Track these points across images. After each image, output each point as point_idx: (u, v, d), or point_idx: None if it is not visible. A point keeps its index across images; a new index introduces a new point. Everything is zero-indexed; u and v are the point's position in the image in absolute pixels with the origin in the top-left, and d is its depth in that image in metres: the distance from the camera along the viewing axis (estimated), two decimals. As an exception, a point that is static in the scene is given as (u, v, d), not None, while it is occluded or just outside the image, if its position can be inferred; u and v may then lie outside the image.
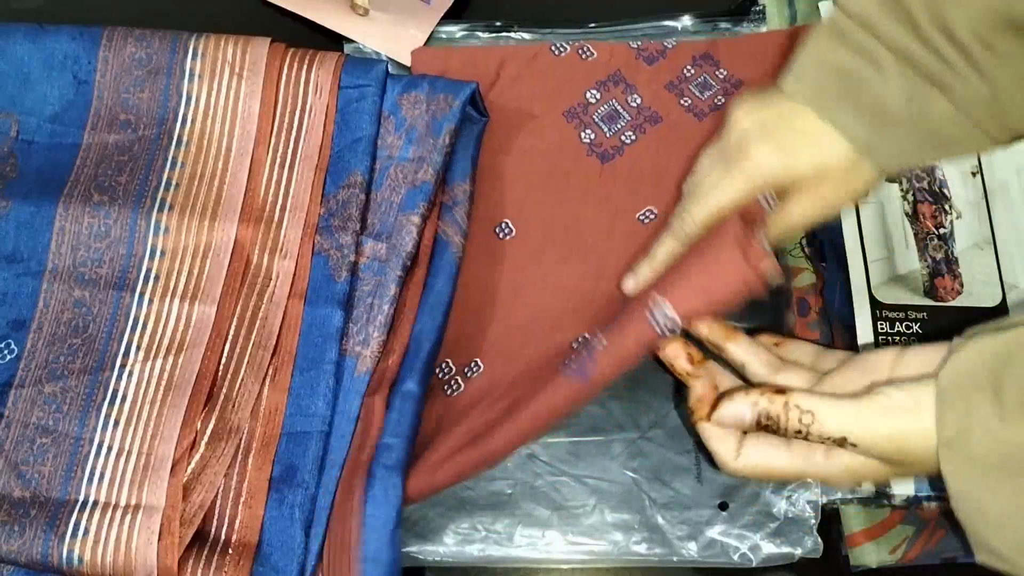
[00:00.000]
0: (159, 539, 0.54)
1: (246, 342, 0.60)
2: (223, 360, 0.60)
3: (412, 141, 0.65)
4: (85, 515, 0.55)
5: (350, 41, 0.71)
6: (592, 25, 0.72)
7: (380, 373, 0.59)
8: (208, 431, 0.57)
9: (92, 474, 0.56)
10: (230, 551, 0.55)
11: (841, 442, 0.47)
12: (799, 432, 0.48)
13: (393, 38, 0.71)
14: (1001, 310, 0.63)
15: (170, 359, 0.59)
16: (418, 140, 0.64)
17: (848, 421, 0.47)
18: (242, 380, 0.59)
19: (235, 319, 0.61)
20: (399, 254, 0.61)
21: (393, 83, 0.66)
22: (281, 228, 0.63)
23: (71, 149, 0.65)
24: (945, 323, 0.62)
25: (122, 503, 0.55)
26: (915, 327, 0.62)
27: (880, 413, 0.46)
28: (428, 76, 0.66)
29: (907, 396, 0.46)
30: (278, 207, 0.63)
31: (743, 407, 0.50)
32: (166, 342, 0.60)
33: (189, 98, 0.65)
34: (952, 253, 0.64)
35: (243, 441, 0.58)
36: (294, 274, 0.62)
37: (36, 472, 0.57)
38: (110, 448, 0.57)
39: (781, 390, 0.49)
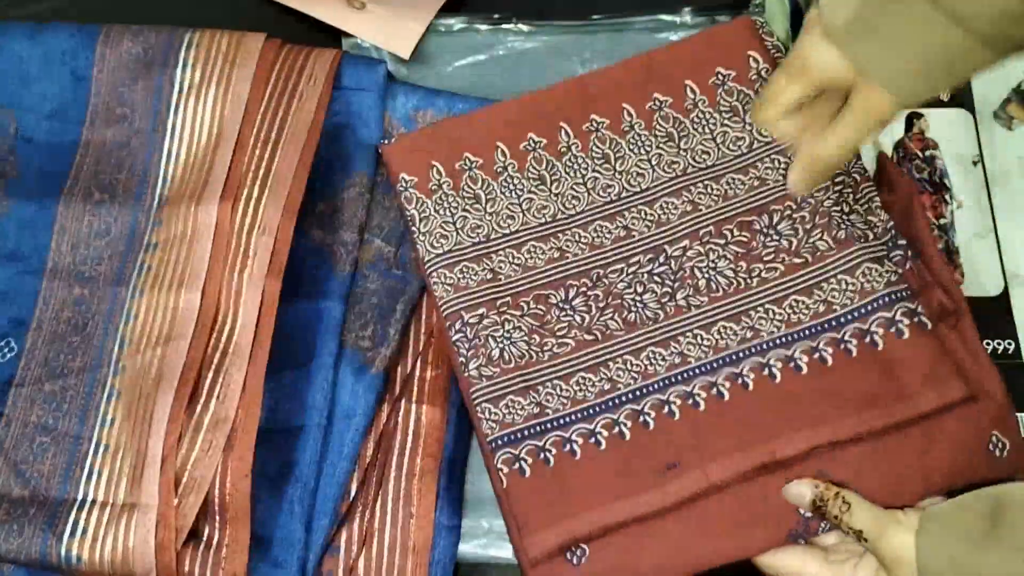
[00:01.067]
0: (155, 536, 0.53)
1: (231, 326, 0.58)
2: (207, 350, 0.58)
3: None
4: (83, 514, 0.54)
5: (349, 37, 0.70)
6: (594, 17, 0.71)
7: (427, 383, 0.61)
8: (192, 422, 0.56)
9: (91, 472, 0.56)
10: (228, 546, 0.54)
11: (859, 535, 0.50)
12: (836, 517, 0.51)
13: (391, 31, 0.70)
14: (1003, 298, 0.62)
15: (158, 350, 0.58)
16: None
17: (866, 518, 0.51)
18: (226, 370, 0.57)
19: (218, 305, 0.59)
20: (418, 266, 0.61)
21: (407, 94, 0.66)
22: (260, 204, 0.60)
23: (70, 146, 0.65)
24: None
25: (119, 501, 0.54)
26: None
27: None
28: (445, 93, 0.66)
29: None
30: (258, 184, 0.61)
31: (806, 489, 0.53)
32: (155, 334, 0.58)
33: (182, 86, 0.64)
34: (953, 243, 0.63)
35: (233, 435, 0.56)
36: (272, 251, 0.59)
37: (36, 471, 0.56)
38: (107, 446, 0.56)
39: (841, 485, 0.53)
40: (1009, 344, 0.60)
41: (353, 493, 0.57)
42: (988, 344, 0.60)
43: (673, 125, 0.63)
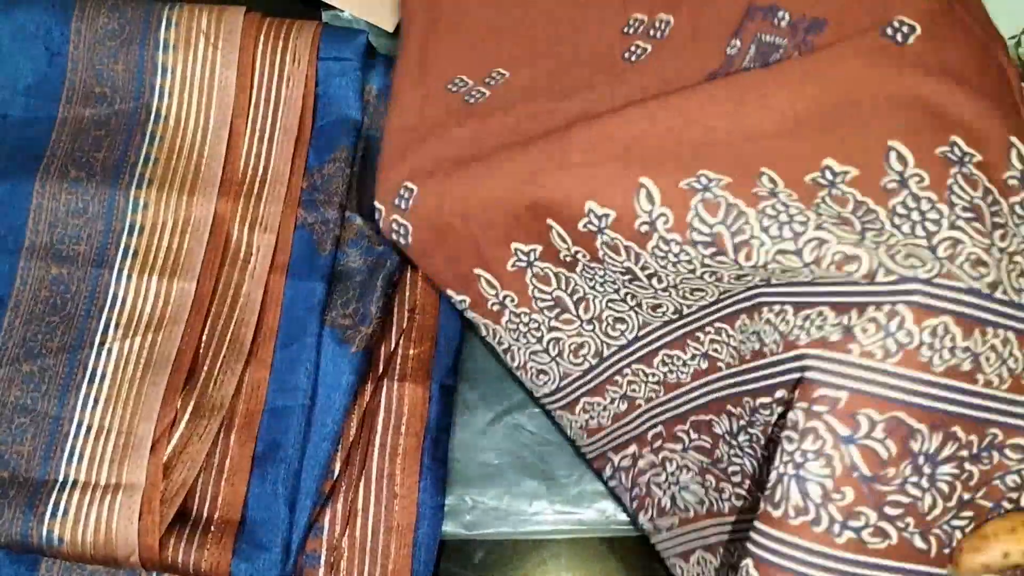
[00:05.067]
0: (140, 518, 0.51)
1: (228, 319, 0.57)
2: (204, 337, 0.56)
3: None
4: (65, 495, 0.51)
5: (328, 8, 0.67)
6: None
7: (410, 360, 0.57)
8: (189, 409, 0.54)
9: (72, 454, 0.53)
10: (212, 529, 0.52)
11: None
12: None
13: (373, 2, 0.66)
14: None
15: (149, 336, 0.56)
16: None
17: None
18: (224, 358, 0.55)
19: (216, 295, 0.57)
20: None
21: (387, 66, 0.62)
22: (261, 201, 0.59)
23: (46, 123, 0.61)
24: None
25: (102, 482, 0.52)
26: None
27: None
28: None
29: None
30: (258, 180, 0.59)
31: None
32: (145, 319, 0.56)
33: (164, 69, 0.61)
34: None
35: (225, 418, 0.54)
36: (275, 248, 0.58)
37: (15, 452, 0.53)
38: (89, 427, 0.53)
39: None
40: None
41: (336, 473, 0.55)
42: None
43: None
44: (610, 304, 0.45)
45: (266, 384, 0.55)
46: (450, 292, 0.51)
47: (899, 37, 0.39)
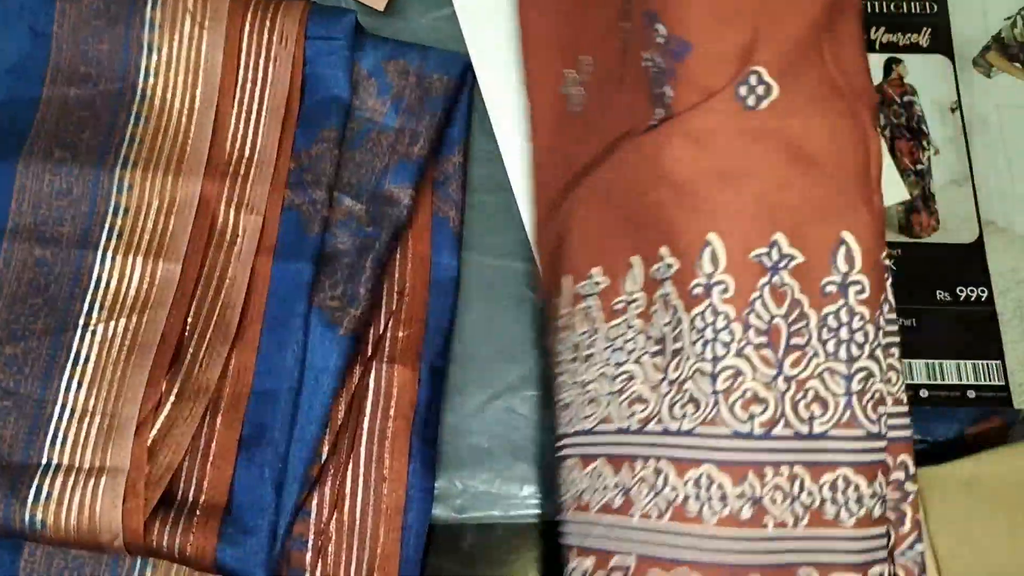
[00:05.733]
0: (124, 502, 0.50)
1: (214, 301, 0.56)
2: (189, 319, 0.55)
3: (400, 112, 0.60)
4: (48, 478, 0.50)
5: (316, -13, 0.66)
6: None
7: (399, 341, 0.56)
8: (174, 391, 0.53)
9: (55, 437, 0.52)
10: (198, 512, 0.51)
11: None
12: None
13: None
14: (977, 247, 0.58)
15: (134, 318, 0.54)
16: (406, 112, 0.59)
17: None
18: (209, 340, 0.54)
19: (201, 277, 0.56)
20: (391, 222, 0.57)
21: (376, 45, 0.61)
22: (248, 183, 0.58)
23: (30, 104, 0.60)
24: (920, 261, 0.58)
25: (86, 466, 0.51)
26: (889, 263, 0.57)
27: None
28: (415, 46, 0.61)
29: None
30: (244, 161, 0.58)
31: None
32: (130, 301, 0.55)
33: (150, 49, 0.60)
34: (929, 189, 0.60)
35: (211, 401, 0.53)
36: (262, 230, 0.57)
37: (-3, 436, 0.52)
38: (73, 410, 0.52)
39: None
40: (982, 292, 0.57)
41: (324, 456, 0.54)
42: (961, 292, 0.57)
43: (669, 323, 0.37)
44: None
45: (252, 367, 0.54)
46: (594, 271, 0.42)
47: (752, 100, 0.35)
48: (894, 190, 0.58)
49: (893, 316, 0.38)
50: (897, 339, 0.37)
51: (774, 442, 0.33)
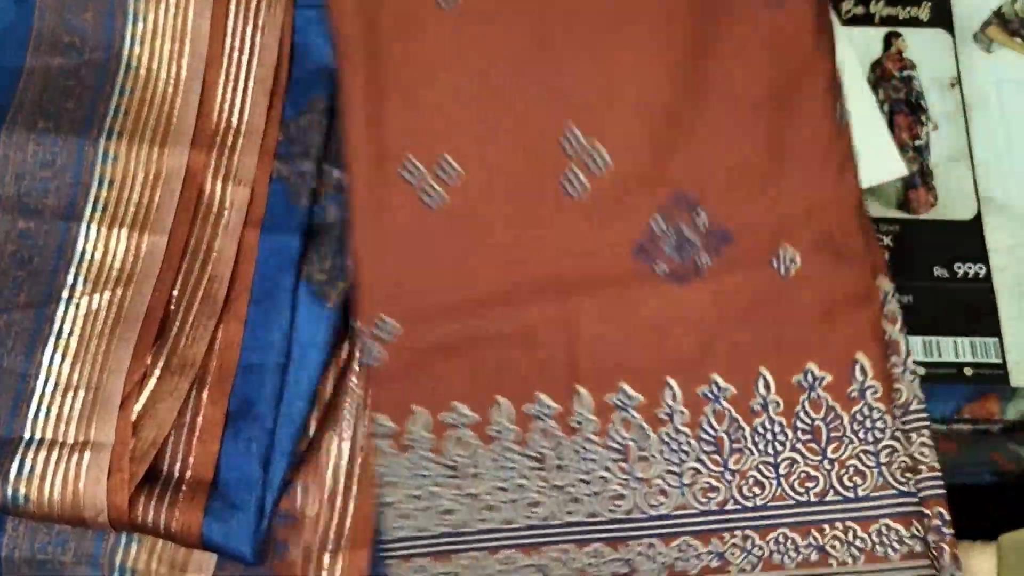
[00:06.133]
0: (108, 477, 0.49)
1: (200, 274, 0.54)
2: (175, 293, 0.54)
3: None
4: (31, 453, 0.49)
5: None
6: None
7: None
8: (159, 365, 0.51)
9: (38, 411, 0.51)
10: (183, 488, 0.50)
11: None
12: None
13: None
14: (976, 223, 0.57)
15: (119, 291, 0.53)
16: None
17: None
18: (196, 314, 0.53)
19: (188, 250, 0.55)
20: None
21: None
22: (235, 154, 0.56)
23: (13, 73, 0.59)
24: (918, 237, 0.57)
25: (70, 440, 0.50)
26: (886, 240, 0.57)
27: None
28: None
29: None
30: (231, 132, 0.57)
31: None
32: (115, 273, 0.54)
33: (136, 18, 0.59)
34: (927, 165, 0.59)
35: (198, 376, 0.52)
36: (250, 202, 0.56)
37: (-21, 410, 0.51)
38: (57, 384, 0.51)
39: None
40: (980, 268, 0.56)
41: (312, 431, 0.53)
42: (958, 268, 0.56)
43: (727, 428, 0.46)
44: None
45: (239, 341, 0.53)
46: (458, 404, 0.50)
47: (782, 270, 0.47)
48: (892, 166, 0.57)
49: (922, 407, 0.47)
50: (928, 423, 0.47)
51: (827, 506, 0.45)
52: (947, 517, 0.45)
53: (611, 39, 0.50)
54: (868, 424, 0.45)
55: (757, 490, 0.46)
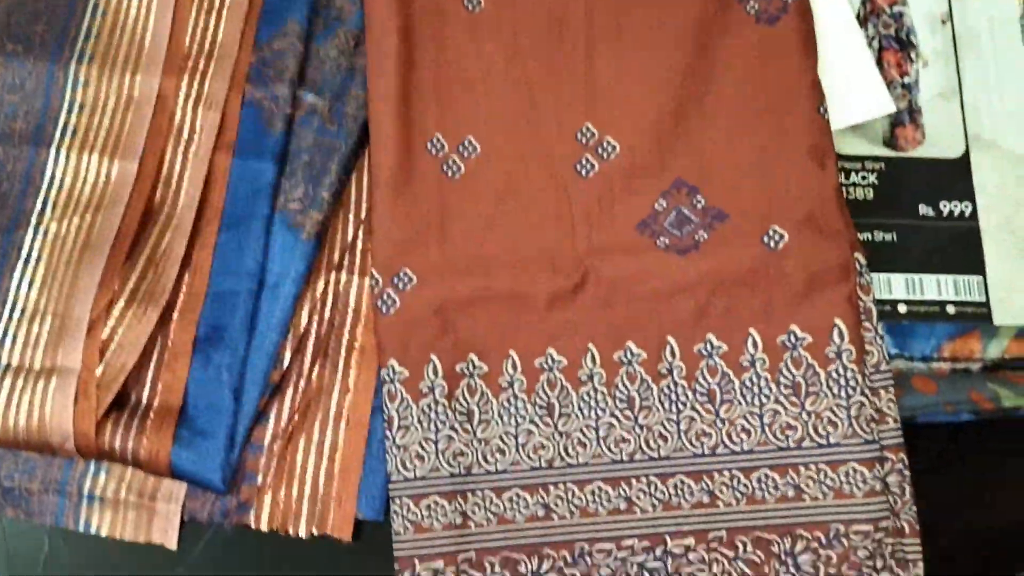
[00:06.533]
0: (75, 403, 0.48)
1: (174, 201, 0.53)
2: (145, 219, 0.53)
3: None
4: (-4, 378, 0.49)
5: None
6: None
7: (369, 254, 0.54)
8: (127, 291, 0.50)
9: (5, 337, 0.50)
10: (152, 415, 0.49)
11: None
12: None
13: None
14: (963, 162, 0.56)
15: (87, 217, 0.52)
16: None
17: None
18: (167, 241, 0.52)
19: (159, 176, 0.54)
20: (358, 125, 0.55)
21: None
22: (207, 78, 0.55)
23: (-20, -5, 0.57)
24: (904, 174, 0.56)
25: (36, 366, 0.49)
26: (871, 178, 0.56)
27: None
28: None
29: None
30: (203, 56, 0.56)
31: None
32: (84, 199, 0.53)
33: (107, -60, 0.57)
34: (916, 102, 0.57)
35: (167, 303, 0.51)
36: (220, 125, 0.54)
37: (-56, 336, 0.50)
38: (24, 310, 0.50)
39: None
40: (966, 207, 0.55)
41: (287, 363, 0.52)
42: (944, 206, 0.55)
43: (719, 381, 0.51)
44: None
45: (209, 267, 0.52)
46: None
47: (771, 244, 0.52)
48: (879, 102, 0.56)
49: (888, 369, 0.51)
50: (891, 383, 0.51)
51: (804, 451, 0.50)
52: (907, 462, 0.50)
53: (625, 46, 0.56)
54: (842, 382, 0.50)
55: (744, 436, 0.50)
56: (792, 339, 0.51)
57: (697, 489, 0.50)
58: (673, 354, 0.51)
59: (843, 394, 0.50)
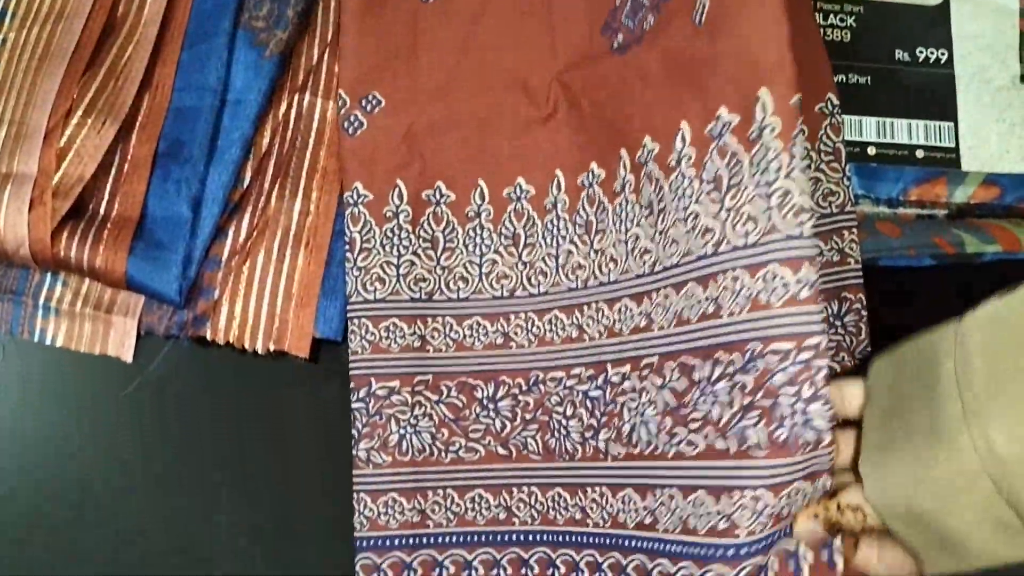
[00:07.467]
0: (30, 209, 0.47)
1: (137, 15, 0.52)
2: (107, 32, 0.51)
3: None
4: (-50, 183, 0.48)
5: None
6: None
7: (335, 76, 0.53)
8: (86, 100, 0.49)
9: (-40, 141, 0.49)
10: (108, 225, 0.49)
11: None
12: (864, 531, 0.40)
13: None
14: (943, 9, 0.55)
15: (47, 27, 0.51)
16: None
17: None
18: (128, 55, 0.51)
19: None
20: None
21: None
22: None
23: None
24: (882, 20, 0.55)
25: (-9, 171, 0.48)
26: (849, 20, 0.54)
27: None
28: None
29: None
30: None
31: (810, 524, 0.41)
32: (44, 9, 0.51)
33: None
34: (899, -52, 0.56)
35: (128, 117, 0.50)
36: None
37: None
38: (-21, 116, 0.49)
39: (832, 493, 0.41)
40: (942, 54, 0.54)
41: (247, 182, 0.51)
42: (920, 53, 0.54)
43: (655, 190, 0.45)
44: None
45: (171, 82, 0.51)
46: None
47: (698, 19, 0.43)
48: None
49: (853, 210, 0.49)
50: (855, 223, 0.49)
51: (721, 256, 0.41)
52: (864, 302, 0.48)
53: None
54: (764, 165, 0.40)
55: (673, 248, 0.44)
56: (720, 126, 0.42)
57: (637, 312, 0.46)
58: (625, 167, 0.47)
59: (764, 181, 0.40)
